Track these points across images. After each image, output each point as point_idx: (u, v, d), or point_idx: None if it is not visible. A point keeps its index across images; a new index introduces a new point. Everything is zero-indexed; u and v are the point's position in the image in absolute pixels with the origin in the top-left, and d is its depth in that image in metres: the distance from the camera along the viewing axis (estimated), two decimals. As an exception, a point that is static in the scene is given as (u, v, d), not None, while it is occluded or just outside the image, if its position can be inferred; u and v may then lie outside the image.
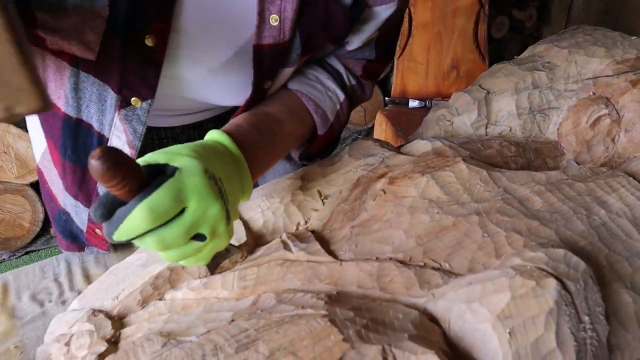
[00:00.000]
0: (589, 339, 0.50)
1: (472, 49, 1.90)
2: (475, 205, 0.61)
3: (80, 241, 0.86)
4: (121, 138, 0.69)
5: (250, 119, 0.64)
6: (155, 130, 0.84)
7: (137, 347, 0.46)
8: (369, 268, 0.54)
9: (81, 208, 0.81)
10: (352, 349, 0.42)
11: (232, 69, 0.69)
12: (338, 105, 0.75)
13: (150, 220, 0.45)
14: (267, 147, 0.64)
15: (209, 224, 0.49)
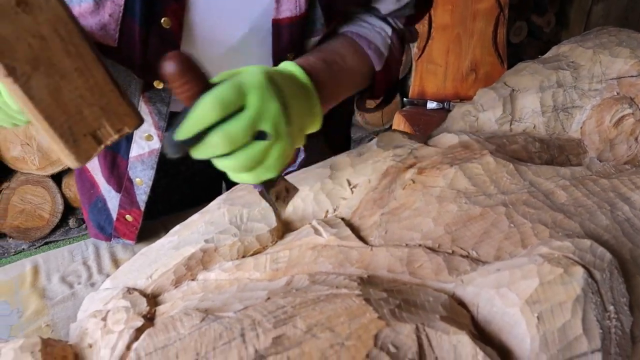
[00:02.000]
0: (614, 328, 0.51)
1: (490, 52, 1.91)
2: (501, 196, 0.63)
3: (108, 233, 0.88)
4: (147, 120, 0.71)
5: (317, 54, 0.66)
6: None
7: (176, 321, 0.48)
8: (399, 253, 0.56)
9: (113, 194, 0.83)
10: (387, 326, 0.43)
11: (250, 45, 0.71)
12: (389, 40, 0.76)
13: (216, 108, 0.47)
14: (334, 78, 0.66)
15: (270, 119, 0.50)
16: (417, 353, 0.43)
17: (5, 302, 0.80)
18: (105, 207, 0.87)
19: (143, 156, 0.76)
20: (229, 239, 0.61)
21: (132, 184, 0.80)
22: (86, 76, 0.47)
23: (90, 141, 0.48)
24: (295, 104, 0.55)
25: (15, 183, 2.06)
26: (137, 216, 0.83)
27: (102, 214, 0.87)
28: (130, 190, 0.81)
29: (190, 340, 0.45)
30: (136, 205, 0.82)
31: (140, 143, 0.75)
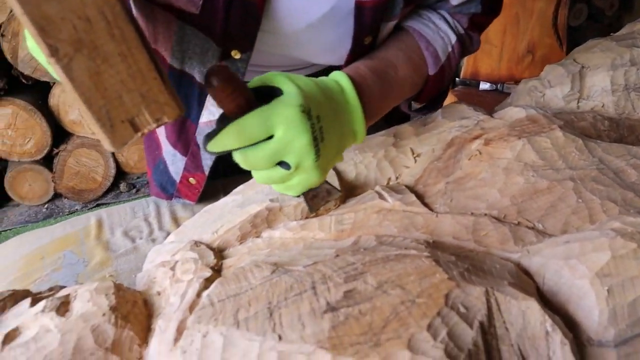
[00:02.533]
0: (685, 308, 0.50)
1: (549, 34, 1.85)
2: (570, 171, 0.61)
3: (170, 193, 0.91)
4: None
5: (369, 63, 0.66)
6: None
7: (247, 272, 0.49)
8: (464, 221, 0.56)
9: (178, 157, 0.85)
10: (458, 287, 0.44)
11: (330, 24, 0.71)
12: (450, 47, 0.75)
13: (237, 139, 0.50)
14: (383, 92, 0.65)
15: (294, 154, 0.52)
16: (486, 316, 0.43)
17: (71, 251, 0.84)
18: (167, 170, 0.90)
19: (212, 123, 0.78)
20: (294, 200, 0.62)
21: (199, 149, 0.82)
22: (129, 61, 0.46)
23: (127, 127, 0.47)
24: (332, 134, 0.56)
25: (71, 146, 2.13)
26: (200, 180, 0.86)
27: (164, 176, 0.90)
28: (197, 155, 0.82)
29: (261, 290, 0.46)
30: (201, 169, 0.84)
31: (211, 110, 0.77)
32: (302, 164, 0.53)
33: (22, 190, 2.16)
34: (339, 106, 0.57)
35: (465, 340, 0.41)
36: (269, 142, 0.51)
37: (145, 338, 0.55)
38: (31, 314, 0.54)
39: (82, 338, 0.51)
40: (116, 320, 0.53)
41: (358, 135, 0.60)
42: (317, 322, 0.41)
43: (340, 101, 0.58)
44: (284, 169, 0.54)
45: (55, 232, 0.90)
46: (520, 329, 0.44)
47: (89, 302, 0.54)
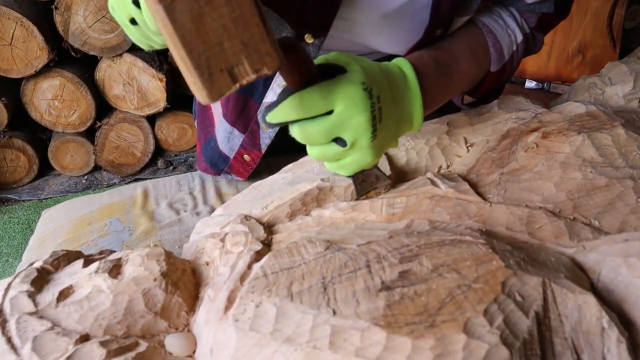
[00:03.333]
0: None
1: (603, 34, 1.80)
2: (630, 170, 0.60)
3: (219, 168, 0.92)
4: None
5: (432, 54, 0.65)
6: None
7: (300, 247, 0.49)
8: (518, 213, 0.55)
9: (236, 134, 0.86)
10: (515, 275, 0.43)
11: (405, 15, 0.70)
12: (515, 46, 0.74)
13: (297, 111, 0.50)
14: (443, 83, 0.65)
15: (351, 131, 0.52)
16: (541, 306, 0.42)
17: (118, 219, 0.86)
18: (216, 147, 0.91)
19: None
20: (345, 181, 0.62)
21: (258, 127, 0.83)
22: (232, 5, 0.43)
23: (225, 78, 0.45)
24: (390, 117, 0.55)
25: (114, 120, 2.17)
26: (255, 157, 0.87)
27: (214, 153, 0.91)
28: (256, 133, 0.83)
29: (315, 265, 0.46)
30: (258, 147, 0.85)
31: (276, 90, 0.77)
32: (358, 141, 0.53)
33: (64, 161, 2.21)
34: (399, 91, 0.57)
35: (521, 329, 0.40)
36: (328, 116, 0.51)
37: (192, 306, 0.56)
38: (84, 274, 0.56)
39: (134, 300, 0.52)
40: (166, 286, 0.54)
41: (415, 123, 0.59)
42: (372, 299, 0.41)
43: (401, 87, 0.57)
44: (339, 146, 0.54)
45: (103, 199, 0.92)
46: (575, 323, 0.43)
47: (141, 266, 0.55)
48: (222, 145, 0.89)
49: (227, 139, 0.88)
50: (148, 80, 2.09)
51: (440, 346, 0.37)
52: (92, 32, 1.95)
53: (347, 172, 0.58)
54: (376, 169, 0.62)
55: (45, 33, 1.90)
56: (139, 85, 2.09)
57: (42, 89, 2.01)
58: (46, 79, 2.00)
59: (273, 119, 0.52)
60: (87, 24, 1.94)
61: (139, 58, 2.05)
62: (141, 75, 2.08)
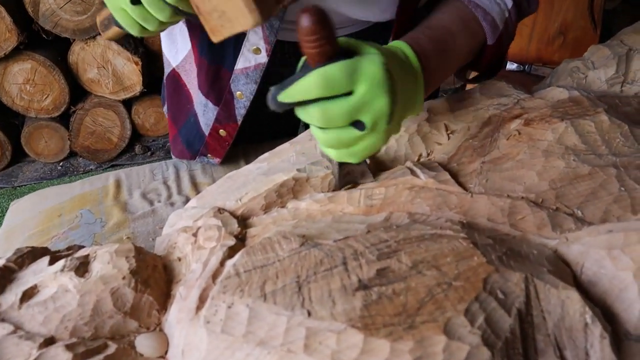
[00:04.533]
0: None
1: (584, 16, 1.79)
2: (613, 158, 0.59)
3: (196, 149, 0.89)
4: (258, 33, 0.70)
5: (427, 32, 0.63)
6: (294, 46, 0.82)
7: (274, 243, 0.47)
8: (500, 203, 0.53)
9: (210, 107, 0.83)
10: (497, 272, 0.41)
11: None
12: (506, 13, 0.71)
13: (321, 86, 0.46)
14: (442, 62, 0.62)
15: (372, 113, 0.49)
16: (524, 303, 0.41)
17: (89, 211, 0.83)
18: (197, 123, 0.88)
19: (248, 69, 0.76)
20: (322, 171, 0.60)
21: (232, 97, 0.80)
22: None
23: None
24: (403, 100, 0.53)
25: (88, 105, 2.12)
26: (231, 131, 0.84)
27: (193, 130, 0.88)
28: (230, 104, 0.81)
29: (290, 263, 0.44)
30: (233, 118, 0.82)
31: (247, 56, 0.74)
32: (377, 125, 0.50)
33: (38, 147, 2.16)
34: (407, 73, 0.55)
35: (502, 328, 0.39)
36: (351, 97, 0.48)
37: (164, 304, 0.53)
38: (50, 272, 0.53)
39: (101, 300, 0.50)
40: (136, 284, 0.51)
41: (418, 105, 0.57)
42: (349, 299, 0.40)
43: (407, 68, 0.55)
44: (357, 130, 0.50)
45: (74, 189, 0.89)
46: (558, 319, 0.42)
47: (109, 264, 0.53)
48: (201, 120, 0.86)
49: (203, 112, 0.85)
50: (123, 64, 2.03)
51: (419, 349, 0.36)
52: (64, 14, 1.89)
53: (357, 159, 0.54)
54: (364, 164, 0.60)
55: (14, 14, 1.83)
56: (114, 68, 2.04)
57: (13, 72, 1.95)
58: (16, 63, 1.94)
59: (288, 98, 0.48)
60: (58, 5, 1.87)
61: (113, 41, 1.99)
62: (116, 58, 2.02)
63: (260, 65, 0.75)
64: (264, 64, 0.75)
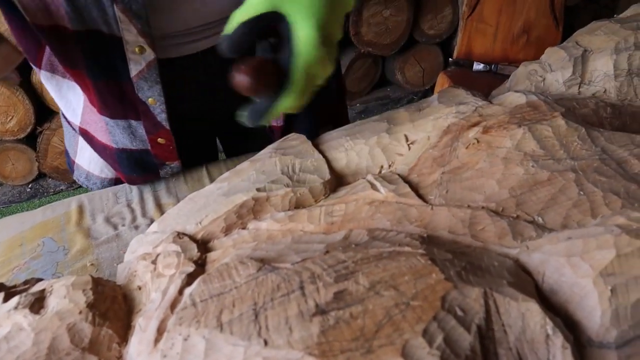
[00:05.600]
0: (688, 307, 0.48)
1: (546, 14, 1.81)
2: (571, 162, 0.59)
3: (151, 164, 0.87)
4: (131, 30, 0.66)
5: None
6: (172, 63, 0.80)
7: (232, 269, 0.46)
8: (460, 214, 0.53)
9: (134, 124, 0.80)
10: (455, 288, 0.41)
11: None
12: None
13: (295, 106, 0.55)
14: None
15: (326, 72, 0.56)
16: (484, 319, 0.41)
17: (51, 239, 0.81)
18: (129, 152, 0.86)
19: (143, 72, 0.72)
20: (282, 189, 0.59)
21: (146, 105, 0.76)
22: None
23: None
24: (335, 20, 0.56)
25: (55, 124, 2.08)
26: (167, 136, 0.81)
27: (133, 157, 0.86)
28: (148, 113, 0.78)
29: (247, 290, 0.43)
30: (160, 126, 0.79)
31: (134, 59, 0.70)
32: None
33: (5, 170, 2.11)
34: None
35: (462, 346, 0.38)
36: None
37: (125, 336, 0.52)
38: (3, 310, 0.51)
39: (58, 337, 0.48)
40: (94, 318, 0.50)
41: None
42: (306, 326, 0.39)
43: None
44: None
45: (35, 217, 0.87)
46: (519, 332, 0.42)
47: (65, 298, 0.51)
48: (133, 142, 0.84)
49: (132, 133, 0.82)
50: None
51: (377, 374, 0.35)
52: (25, 34, 1.85)
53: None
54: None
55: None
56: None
57: (-26, 96, 1.91)
58: (-22, 86, 1.90)
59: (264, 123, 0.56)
60: (19, 25, 1.83)
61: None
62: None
63: (152, 62, 0.71)
64: (154, 59, 0.71)
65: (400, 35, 2.29)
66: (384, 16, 2.20)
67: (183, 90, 0.85)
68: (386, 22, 2.22)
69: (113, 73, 0.73)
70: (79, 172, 0.98)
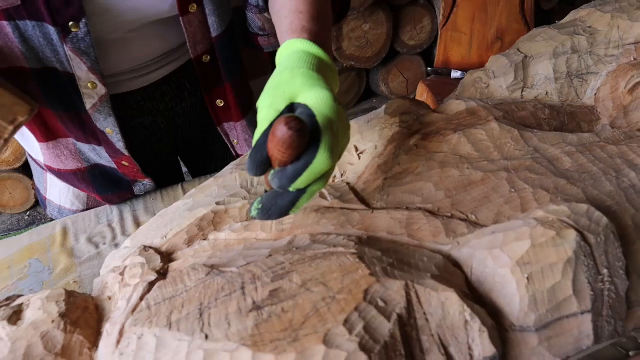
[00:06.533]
0: (607, 291, 0.52)
1: (517, 20, 1.86)
2: (504, 162, 0.64)
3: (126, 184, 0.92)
4: (82, 68, 0.71)
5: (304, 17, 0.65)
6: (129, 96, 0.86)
7: (184, 275, 0.51)
8: (398, 216, 0.58)
9: (98, 149, 0.85)
10: (378, 282, 0.46)
11: None
12: None
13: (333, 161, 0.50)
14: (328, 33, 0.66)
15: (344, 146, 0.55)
16: (405, 308, 0.45)
17: (37, 260, 0.86)
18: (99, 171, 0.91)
19: (97, 106, 0.77)
20: (239, 202, 0.64)
21: (105, 135, 0.82)
22: None
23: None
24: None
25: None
26: (129, 161, 0.87)
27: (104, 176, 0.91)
28: (108, 141, 0.83)
29: (195, 292, 0.48)
30: (120, 153, 0.84)
31: (88, 94, 0.75)
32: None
33: (3, 199, 2.17)
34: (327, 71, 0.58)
35: (382, 333, 0.43)
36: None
37: (95, 342, 0.56)
38: (-16, 324, 0.56)
39: (32, 345, 0.53)
40: (65, 326, 0.55)
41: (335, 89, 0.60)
42: (242, 320, 0.43)
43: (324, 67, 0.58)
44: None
45: (23, 241, 0.92)
46: (440, 319, 0.46)
47: (40, 309, 0.56)
48: (103, 161, 0.89)
49: (97, 155, 0.87)
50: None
51: (301, 359, 0.40)
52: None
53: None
54: None
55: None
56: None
57: (-30, 128, 1.97)
58: (-27, 118, 1.96)
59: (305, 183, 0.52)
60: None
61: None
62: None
63: (104, 96, 0.76)
64: (106, 94, 0.76)
65: (381, 47, 2.35)
66: (363, 30, 2.26)
67: (141, 118, 0.90)
68: (366, 36, 2.28)
69: (71, 105, 0.78)
70: (51, 207, 1.04)
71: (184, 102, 0.93)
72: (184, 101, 0.93)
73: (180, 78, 0.89)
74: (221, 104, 0.90)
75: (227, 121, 0.94)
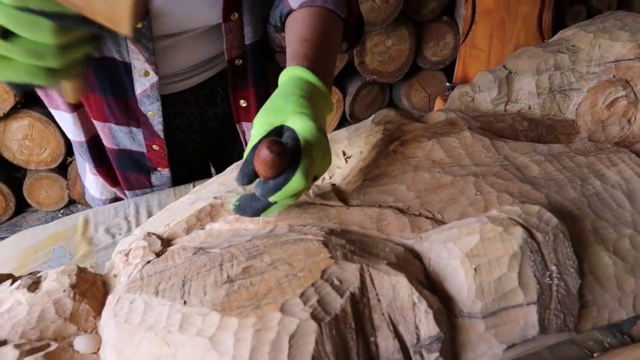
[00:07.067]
0: (555, 287, 0.57)
1: (535, 37, 1.91)
2: (474, 168, 0.70)
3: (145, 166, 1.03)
4: (140, 59, 0.84)
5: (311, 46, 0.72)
6: (167, 98, 0.98)
7: (174, 253, 0.59)
8: (370, 212, 0.64)
9: (135, 131, 0.97)
10: (336, 264, 0.52)
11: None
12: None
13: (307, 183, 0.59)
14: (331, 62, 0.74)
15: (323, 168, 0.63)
16: (359, 288, 0.52)
17: (61, 246, 0.95)
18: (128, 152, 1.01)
19: (147, 91, 0.89)
20: (235, 197, 0.72)
21: (146, 117, 0.94)
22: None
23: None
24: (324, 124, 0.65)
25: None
26: (161, 144, 0.98)
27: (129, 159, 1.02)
28: (147, 123, 0.95)
29: (181, 267, 0.56)
30: (156, 135, 0.96)
31: (140, 81, 0.88)
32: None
33: (40, 197, 2.31)
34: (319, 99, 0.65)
35: (333, 307, 0.49)
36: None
37: (100, 311, 0.65)
38: (9, 290, 0.65)
39: (46, 309, 0.61)
40: (75, 295, 0.63)
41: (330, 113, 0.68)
42: (216, 290, 0.51)
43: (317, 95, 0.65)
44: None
45: (49, 229, 1.02)
46: (391, 300, 0.53)
47: (55, 280, 0.64)
48: (134, 146, 0.99)
49: (131, 138, 0.97)
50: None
51: (260, 323, 0.47)
52: (57, 73, 2.06)
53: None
54: None
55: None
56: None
57: (12, 129, 2.12)
58: (15, 120, 2.11)
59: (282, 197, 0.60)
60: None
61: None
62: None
63: (154, 84, 0.89)
64: (156, 82, 0.88)
65: (403, 62, 2.42)
66: (386, 45, 2.34)
67: (177, 120, 1.03)
68: (389, 51, 2.36)
69: (122, 90, 0.91)
70: (87, 194, 1.16)
71: (217, 107, 1.05)
72: (217, 106, 1.05)
73: (214, 85, 1.01)
74: (244, 105, 1.01)
75: (246, 121, 1.04)
